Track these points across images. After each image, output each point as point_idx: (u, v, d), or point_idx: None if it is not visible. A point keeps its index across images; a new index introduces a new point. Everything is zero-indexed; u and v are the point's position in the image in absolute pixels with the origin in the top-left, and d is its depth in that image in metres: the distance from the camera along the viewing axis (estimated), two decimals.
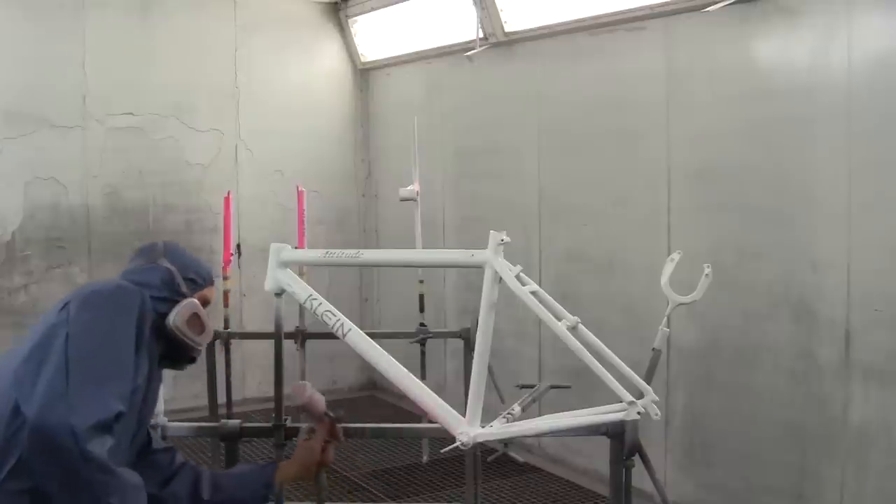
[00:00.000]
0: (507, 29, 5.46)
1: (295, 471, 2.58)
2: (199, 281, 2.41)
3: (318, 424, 2.61)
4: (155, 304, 2.25)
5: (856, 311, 3.67)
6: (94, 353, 2.01)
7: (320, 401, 2.60)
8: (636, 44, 4.66)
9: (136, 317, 2.12)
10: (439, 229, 6.20)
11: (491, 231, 2.50)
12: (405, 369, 2.58)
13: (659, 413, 2.63)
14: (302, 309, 4.45)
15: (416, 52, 6.47)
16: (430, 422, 2.64)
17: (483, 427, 2.46)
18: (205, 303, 2.40)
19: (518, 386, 3.19)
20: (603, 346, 2.64)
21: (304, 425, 2.71)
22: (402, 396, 2.64)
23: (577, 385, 3.25)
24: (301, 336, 4.64)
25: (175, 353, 2.36)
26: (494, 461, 5.10)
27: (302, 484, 5.00)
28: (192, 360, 2.44)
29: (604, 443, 2.70)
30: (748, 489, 4.14)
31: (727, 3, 3.97)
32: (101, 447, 1.90)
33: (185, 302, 2.32)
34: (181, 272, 2.36)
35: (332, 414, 2.60)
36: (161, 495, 2.39)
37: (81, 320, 2.06)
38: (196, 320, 2.33)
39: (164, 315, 2.28)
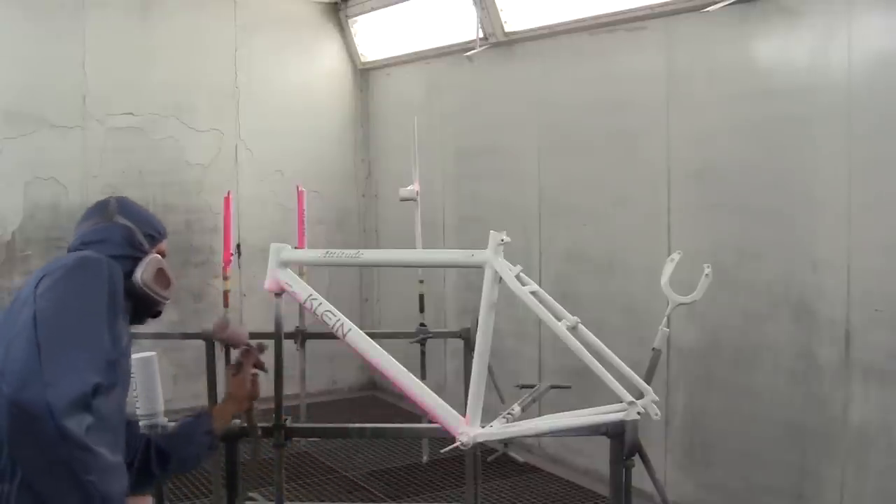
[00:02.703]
0: (507, 29, 5.46)
1: (228, 407, 2.61)
2: (156, 236, 2.38)
3: (244, 357, 2.64)
4: (119, 263, 2.23)
5: (856, 311, 3.67)
6: (63, 327, 1.98)
7: (242, 333, 2.65)
8: (636, 44, 4.66)
9: (105, 285, 2.09)
10: (439, 229, 6.20)
11: (491, 231, 2.50)
12: (405, 369, 2.58)
13: (659, 413, 2.63)
14: (302, 309, 4.45)
15: (416, 52, 6.47)
16: (430, 422, 2.64)
17: (483, 427, 2.46)
18: (162, 256, 2.38)
19: (518, 386, 3.19)
20: (603, 346, 2.64)
21: (234, 360, 2.71)
22: (402, 396, 2.64)
23: (577, 385, 3.25)
24: (301, 336, 4.64)
25: (140, 309, 2.34)
26: (494, 461, 5.11)
27: (302, 483, 5.01)
28: (158, 314, 2.41)
29: (604, 443, 2.70)
30: (748, 489, 4.14)
31: (727, 3, 3.98)
32: (78, 425, 1.86)
33: (149, 258, 2.31)
34: (140, 228, 2.34)
35: (253, 344, 2.65)
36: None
37: (48, 296, 2.02)
38: (162, 275, 2.33)
39: (129, 273, 2.26)
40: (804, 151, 3.86)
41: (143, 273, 2.28)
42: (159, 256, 2.35)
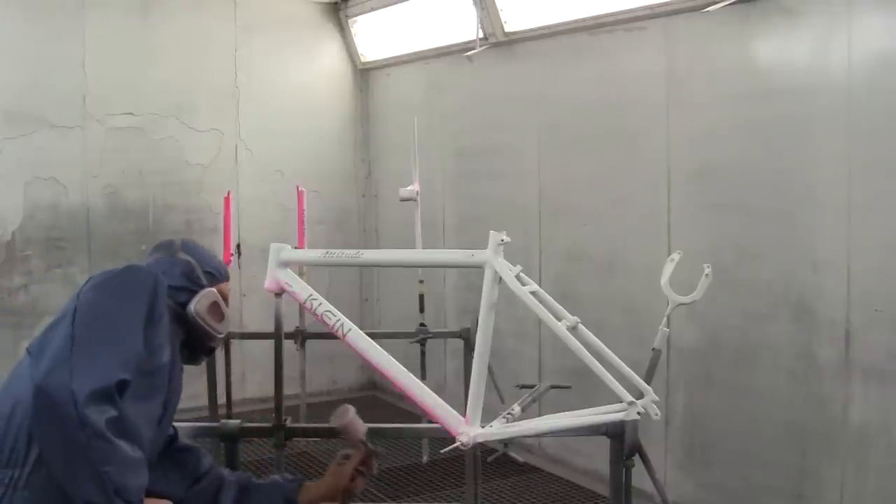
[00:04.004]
0: (507, 29, 5.46)
1: (321, 492, 2.55)
2: (216, 275, 2.45)
3: (354, 451, 2.57)
4: (175, 294, 2.31)
5: (856, 311, 3.67)
6: (98, 323, 2.03)
7: (360, 427, 2.57)
8: (636, 44, 4.66)
9: (146, 292, 2.14)
10: (439, 229, 6.20)
11: (491, 231, 2.50)
12: (405, 369, 2.58)
13: (659, 413, 2.63)
14: (302, 309, 4.45)
15: (416, 52, 6.47)
16: (430, 422, 2.64)
17: (483, 427, 2.46)
18: (222, 297, 2.44)
19: (518, 386, 3.19)
20: (603, 346, 2.64)
21: (344, 451, 2.63)
22: (402, 396, 2.64)
23: (577, 385, 3.25)
24: (301, 336, 4.65)
25: (194, 342, 2.39)
26: (494, 461, 5.11)
27: None
28: (211, 350, 2.46)
29: (604, 443, 2.70)
30: (748, 489, 4.14)
31: (727, 3, 3.98)
32: (99, 414, 1.89)
33: (205, 291, 2.36)
34: (200, 265, 2.41)
35: (369, 444, 2.57)
36: (186, 496, 2.40)
37: (90, 297, 2.10)
38: (216, 308, 2.38)
39: (184, 304, 2.32)
40: (804, 151, 3.86)
41: (196, 304, 2.33)
42: (215, 291, 2.40)
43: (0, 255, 5.81)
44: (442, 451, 2.61)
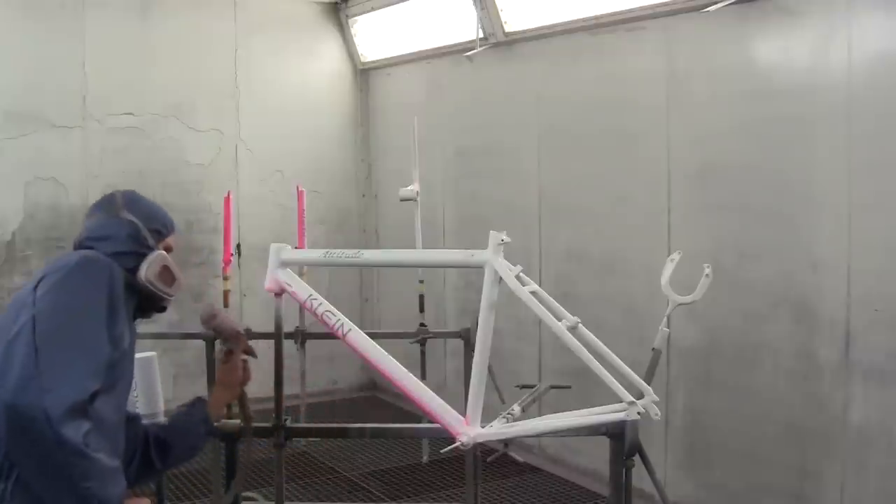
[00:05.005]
0: (507, 29, 5.45)
1: (222, 396, 2.61)
2: (163, 231, 2.36)
3: (234, 343, 2.61)
4: (123, 259, 2.23)
5: (856, 311, 3.67)
6: (62, 331, 1.97)
7: (232, 320, 2.62)
8: (636, 44, 4.66)
9: (105, 287, 2.08)
10: (439, 229, 6.20)
11: (491, 231, 2.50)
12: (405, 369, 2.58)
13: (659, 413, 2.63)
14: (302, 309, 4.44)
15: (416, 52, 6.47)
16: (430, 422, 2.64)
17: (483, 427, 2.46)
18: (168, 251, 2.37)
19: (518, 386, 3.19)
20: (603, 346, 2.64)
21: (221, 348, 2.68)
22: (402, 396, 2.64)
23: (577, 385, 3.25)
24: (301, 336, 4.63)
25: (146, 304, 2.33)
26: (494, 461, 5.10)
27: (302, 483, 5.01)
28: (163, 309, 2.40)
29: (604, 443, 2.70)
30: (748, 489, 4.14)
31: (727, 3, 3.97)
32: (76, 430, 1.86)
33: (153, 255, 2.29)
34: (145, 224, 2.31)
35: (242, 332, 2.62)
36: (127, 474, 2.37)
37: (47, 298, 2.02)
38: (167, 272, 2.31)
39: (133, 269, 2.25)
40: (804, 151, 3.86)
41: (146, 271, 2.26)
42: (164, 253, 2.33)
43: (0, 255, 5.81)
44: (442, 451, 2.61)
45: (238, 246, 6.31)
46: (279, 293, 2.74)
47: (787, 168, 3.94)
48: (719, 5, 3.99)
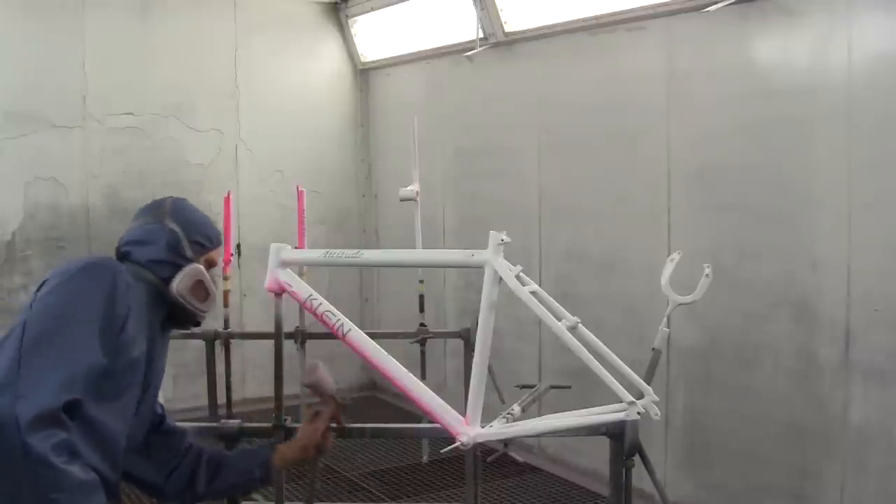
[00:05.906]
0: (507, 29, 5.45)
1: (295, 451, 2.52)
2: (205, 244, 2.32)
3: (324, 407, 2.57)
4: (158, 268, 2.21)
5: (856, 311, 3.67)
6: (48, 337, 1.93)
7: (330, 382, 2.56)
8: (636, 44, 4.66)
9: (105, 291, 2.03)
10: (439, 229, 6.20)
11: (491, 231, 2.50)
12: (405, 369, 2.58)
13: (659, 413, 2.63)
14: (302, 309, 4.44)
15: (416, 52, 6.47)
16: (430, 422, 2.64)
17: (483, 427, 2.45)
18: (211, 265, 2.32)
19: (518, 386, 3.19)
20: (603, 346, 2.64)
21: (307, 401, 2.65)
22: (402, 396, 2.64)
23: (577, 385, 3.25)
24: (301, 336, 4.63)
25: (179, 317, 2.29)
26: (494, 461, 5.10)
27: (302, 483, 5.00)
28: (197, 323, 2.35)
29: (604, 443, 2.70)
30: (748, 489, 4.14)
31: (727, 3, 3.97)
32: (44, 440, 1.81)
33: (188, 268, 2.24)
34: (187, 235, 2.27)
35: (337, 398, 2.57)
36: (164, 486, 2.36)
37: (43, 301, 2.00)
38: (200, 287, 2.25)
39: (168, 279, 2.22)
40: (804, 151, 3.86)
41: (179, 283, 2.22)
42: (201, 267, 2.27)
43: (0, 255, 5.81)
44: (442, 451, 2.61)
45: (238, 246, 6.31)
46: (279, 293, 2.73)
47: (786, 168, 3.94)
48: (719, 5, 3.99)
